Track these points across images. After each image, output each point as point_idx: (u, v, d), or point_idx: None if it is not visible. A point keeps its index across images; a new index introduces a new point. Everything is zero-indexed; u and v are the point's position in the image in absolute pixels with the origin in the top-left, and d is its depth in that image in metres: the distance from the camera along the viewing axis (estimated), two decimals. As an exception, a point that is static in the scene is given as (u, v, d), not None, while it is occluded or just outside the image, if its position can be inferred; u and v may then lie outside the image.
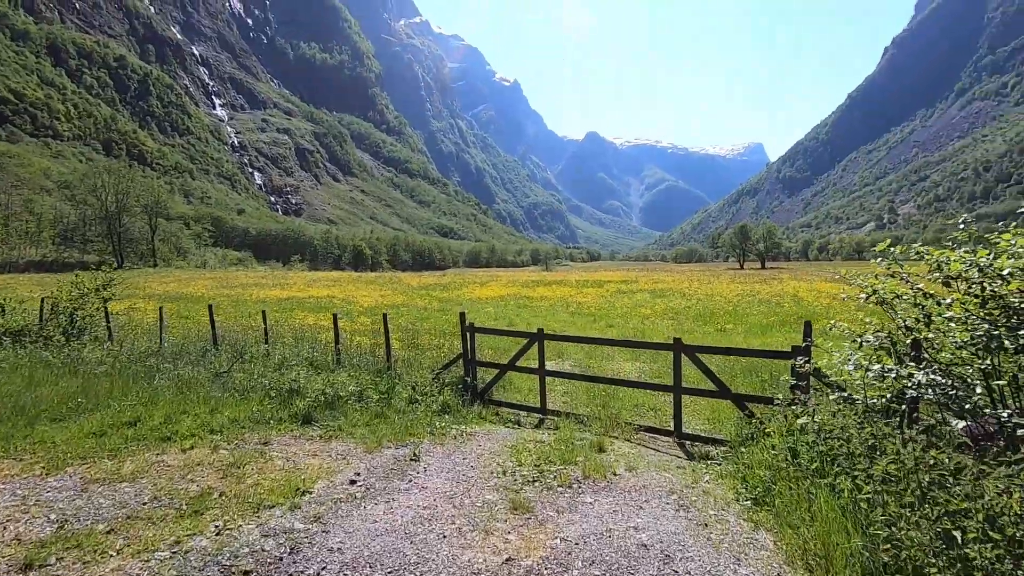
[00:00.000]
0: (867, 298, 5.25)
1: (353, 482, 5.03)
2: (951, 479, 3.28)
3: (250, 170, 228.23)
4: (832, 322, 5.62)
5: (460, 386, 8.82)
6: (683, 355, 7.12)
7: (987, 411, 4.09)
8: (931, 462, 3.34)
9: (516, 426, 7.77)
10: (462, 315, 9.12)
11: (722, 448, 6.70)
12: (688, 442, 7.04)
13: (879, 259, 5.05)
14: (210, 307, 12.41)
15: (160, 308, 13.28)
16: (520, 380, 10.27)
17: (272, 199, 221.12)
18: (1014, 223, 4.60)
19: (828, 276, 48.46)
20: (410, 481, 5.09)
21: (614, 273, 68.76)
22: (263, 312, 11.96)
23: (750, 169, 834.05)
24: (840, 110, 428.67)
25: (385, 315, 10.10)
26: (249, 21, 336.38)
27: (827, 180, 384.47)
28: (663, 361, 12.19)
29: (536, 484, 4.97)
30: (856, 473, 3.78)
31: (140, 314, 17.73)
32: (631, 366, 12.12)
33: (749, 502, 4.56)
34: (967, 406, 4.27)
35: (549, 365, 12.08)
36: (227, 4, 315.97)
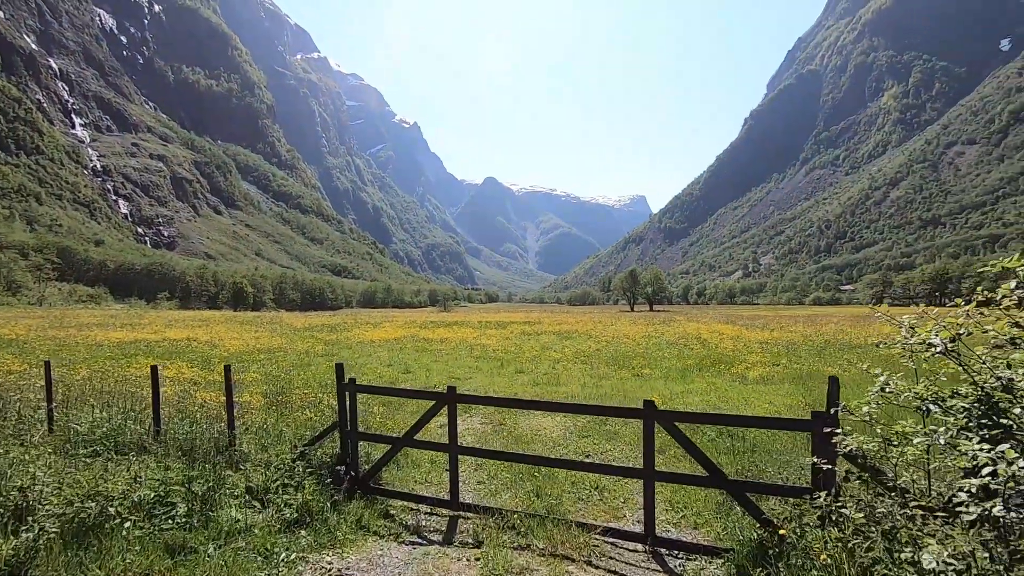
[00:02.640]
0: (948, 344, 3.49)
1: None
2: None
3: (114, 197, 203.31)
4: (882, 376, 3.81)
5: (332, 473, 6.03)
6: (656, 424, 5.03)
7: None
8: None
9: (414, 537, 5.17)
10: (339, 367, 6.42)
11: (719, 562, 4.61)
12: (665, 551, 4.88)
13: (1017, 285, 3.08)
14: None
15: None
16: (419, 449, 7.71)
17: (140, 230, 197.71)
18: None
19: (721, 317, 50.59)
20: None
21: (515, 314, 67.62)
22: (46, 362, 8.30)
23: (635, 219, 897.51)
24: (711, 170, 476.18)
25: (228, 367, 7.07)
26: (123, 38, 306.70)
27: (701, 232, 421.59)
28: (588, 415, 10.19)
29: None
30: None
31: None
32: (550, 420, 10.13)
33: None
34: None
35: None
36: (96, 18, 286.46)
